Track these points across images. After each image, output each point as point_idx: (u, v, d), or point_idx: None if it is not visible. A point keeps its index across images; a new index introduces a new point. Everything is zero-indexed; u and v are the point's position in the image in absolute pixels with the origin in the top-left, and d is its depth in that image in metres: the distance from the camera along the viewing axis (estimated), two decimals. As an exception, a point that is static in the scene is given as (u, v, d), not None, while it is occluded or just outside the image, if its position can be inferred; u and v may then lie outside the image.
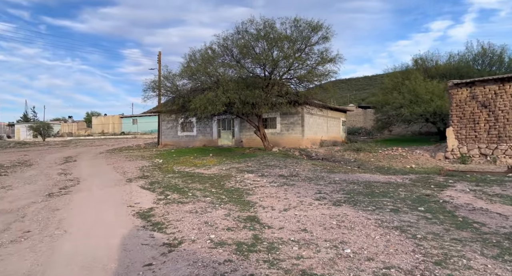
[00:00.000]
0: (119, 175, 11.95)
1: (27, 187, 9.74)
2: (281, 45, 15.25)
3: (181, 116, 20.68)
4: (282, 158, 14.75)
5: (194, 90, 17.12)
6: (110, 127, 58.18)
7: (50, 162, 16.75)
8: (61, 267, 3.95)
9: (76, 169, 14.11)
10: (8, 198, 8.27)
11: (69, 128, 61.74)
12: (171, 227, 5.44)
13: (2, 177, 11.55)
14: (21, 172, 13.10)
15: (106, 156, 20.02)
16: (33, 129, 49.33)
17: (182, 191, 8.59)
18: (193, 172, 12.27)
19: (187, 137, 26.44)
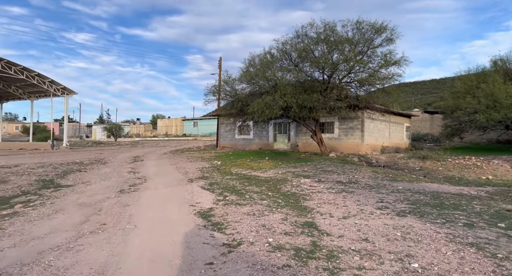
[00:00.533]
0: (181, 175, 12.58)
1: (103, 183, 10.71)
2: (341, 48, 14.90)
3: (239, 120, 21.21)
4: (340, 164, 14.34)
5: (252, 94, 17.45)
6: (173, 129, 61.72)
7: (121, 161, 18.24)
8: (133, 260, 4.26)
9: (143, 168, 15.18)
10: (87, 192, 9.17)
11: (137, 130, 66.81)
12: (230, 228, 5.58)
13: (82, 173, 12.86)
14: (97, 169, 14.47)
15: (169, 156, 21.25)
16: (107, 130, 54.34)
17: (239, 193, 8.77)
18: (249, 174, 12.47)
19: (244, 140, 26.99)
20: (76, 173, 12.81)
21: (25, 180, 10.69)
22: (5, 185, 9.59)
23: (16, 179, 10.79)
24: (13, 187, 9.44)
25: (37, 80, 29.89)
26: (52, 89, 31.17)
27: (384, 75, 15.62)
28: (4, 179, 10.64)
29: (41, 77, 30.22)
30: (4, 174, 11.54)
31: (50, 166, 14.46)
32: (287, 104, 15.18)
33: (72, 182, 10.87)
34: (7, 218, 6.19)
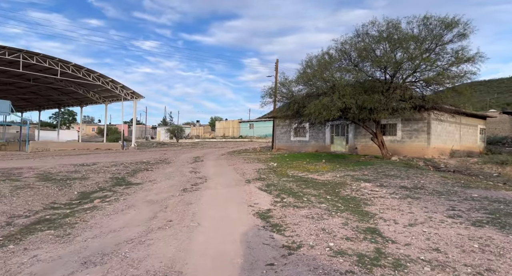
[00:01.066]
0: (239, 176, 12.88)
1: (167, 182, 11.39)
2: (406, 45, 14.06)
3: (294, 121, 21.09)
4: (403, 168, 13.53)
5: (309, 95, 17.25)
6: (230, 131, 63.49)
7: (183, 161, 19.23)
8: (198, 256, 4.47)
9: (203, 168, 15.83)
10: (154, 190, 9.83)
11: (197, 131, 69.92)
12: (289, 230, 5.57)
13: (149, 172, 13.82)
14: (162, 168, 15.43)
15: (227, 157, 21.88)
16: (169, 131, 57.74)
17: (297, 195, 8.72)
18: (306, 177, 12.34)
19: (300, 142, 26.77)
20: (143, 172, 13.79)
21: (102, 177, 11.80)
22: (86, 182, 10.67)
23: (94, 176, 11.95)
24: (92, 183, 10.47)
25: (110, 86, 32.87)
26: (123, 94, 34.01)
27: (455, 74, 14.41)
28: (85, 176, 11.85)
29: (114, 83, 33.16)
30: (85, 172, 12.85)
31: (121, 165, 15.76)
32: (345, 105, 14.75)
33: (141, 180, 11.73)
34: (89, 212, 6.88)
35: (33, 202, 7.47)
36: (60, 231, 5.49)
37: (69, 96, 38.95)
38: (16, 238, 5.08)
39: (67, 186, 9.71)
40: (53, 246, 4.74)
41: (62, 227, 5.73)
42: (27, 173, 11.91)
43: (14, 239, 5.06)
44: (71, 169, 13.60)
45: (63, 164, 15.19)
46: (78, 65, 30.02)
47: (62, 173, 12.21)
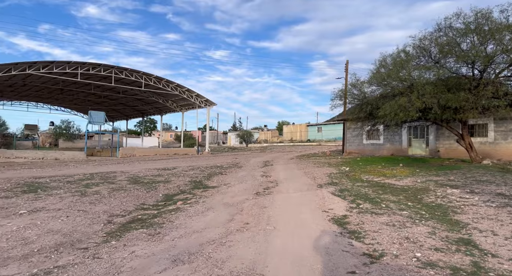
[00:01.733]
0: (310, 180, 12.74)
1: (240, 186, 11.79)
2: (499, 37, 12.52)
3: (367, 124, 20.18)
4: (498, 173, 12.02)
5: (383, 96, 16.37)
6: (298, 134, 63.22)
7: (253, 165, 19.71)
8: (277, 260, 4.54)
9: (273, 172, 16.03)
10: (229, 193, 10.25)
11: (264, 136, 71.10)
12: (369, 238, 5.35)
13: (223, 176, 14.46)
14: (235, 172, 16.02)
15: (296, 161, 21.82)
16: (239, 136, 59.72)
17: (374, 201, 8.32)
18: (383, 182, 11.69)
19: (373, 145, 25.49)
20: (218, 176, 14.47)
21: (181, 180, 12.69)
22: (169, 185, 11.59)
23: (175, 179, 12.91)
24: (174, 186, 11.33)
25: (186, 95, 35.26)
26: (198, 102, 36.20)
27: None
28: (167, 179, 12.88)
29: (190, 92, 35.50)
30: (167, 176, 13.97)
31: (198, 169, 16.76)
32: (425, 105, 13.65)
33: (216, 183, 12.32)
34: (173, 213, 7.46)
35: (126, 203, 8.37)
36: (151, 230, 6.04)
37: (151, 106, 42.73)
38: (116, 235, 5.73)
39: (153, 188, 10.65)
40: (146, 244, 5.24)
41: (152, 226, 6.30)
42: (120, 176, 13.36)
43: (115, 236, 5.71)
44: (155, 173, 14.88)
45: (148, 168, 16.70)
46: (159, 77, 32.83)
47: (148, 177, 13.43)
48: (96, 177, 13.19)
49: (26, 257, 4.62)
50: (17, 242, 5.25)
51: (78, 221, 6.51)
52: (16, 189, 9.84)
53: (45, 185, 10.87)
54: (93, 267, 4.25)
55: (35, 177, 12.67)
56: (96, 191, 9.75)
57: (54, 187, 10.45)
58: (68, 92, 38.13)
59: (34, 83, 33.12)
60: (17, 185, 10.71)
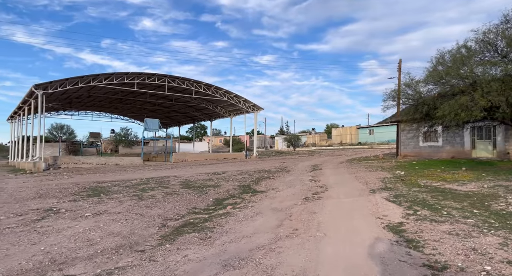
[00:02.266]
0: (362, 185, 12.25)
1: (289, 190, 11.69)
2: None
3: (424, 125, 18.95)
4: None
5: (441, 95, 15.28)
6: (348, 137, 61.35)
7: (301, 170, 19.47)
8: (328, 268, 4.40)
9: (323, 176, 15.68)
10: (278, 198, 10.21)
11: (312, 139, 70.05)
12: (429, 247, 4.98)
13: (271, 180, 14.46)
14: (283, 177, 15.95)
15: (346, 165, 21.15)
16: (286, 140, 59.51)
17: (433, 208, 7.75)
18: (443, 187, 10.87)
19: (431, 148, 23.84)
20: (266, 180, 14.50)
21: (231, 185, 12.92)
22: (218, 189, 11.87)
23: (225, 184, 13.19)
24: (223, 190, 11.56)
25: (234, 100, 36.04)
26: (245, 107, 36.81)
27: None
28: (217, 184, 13.20)
29: (238, 97, 36.24)
30: (217, 180, 14.32)
31: (246, 174, 16.96)
32: (491, 103, 12.48)
33: (264, 188, 12.35)
34: (223, 217, 7.60)
35: (179, 207, 8.70)
36: (202, 234, 6.20)
37: (201, 112, 44.31)
38: (170, 239, 5.97)
39: (203, 193, 10.97)
40: (198, 248, 5.38)
41: (204, 230, 6.47)
42: (173, 181, 13.97)
43: (169, 239, 5.95)
44: (205, 177, 15.34)
45: (199, 173, 17.28)
46: (208, 84, 33.97)
47: (199, 181, 13.88)
48: (151, 181, 13.93)
49: (90, 258, 4.98)
50: (83, 243, 5.70)
51: (135, 224, 6.90)
52: (82, 193, 10.73)
53: (107, 189, 11.72)
54: (149, 270, 4.45)
55: (98, 182, 13.74)
56: (152, 195, 10.28)
57: (114, 191, 11.22)
58: (126, 101, 40.93)
59: (97, 94, 36.06)
60: (83, 189, 11.69)
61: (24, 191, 11.22)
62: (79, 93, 34.75)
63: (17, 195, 10.27)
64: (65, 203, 8.94)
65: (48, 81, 25.56)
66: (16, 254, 5.13)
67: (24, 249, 5.39)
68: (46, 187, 12.31)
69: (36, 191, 10.98)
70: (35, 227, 6.52)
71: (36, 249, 5.34)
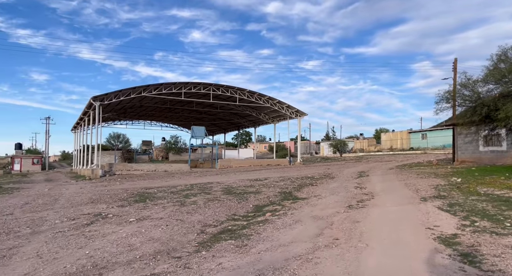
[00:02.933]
0: (411, 193, 11.45)
1: (332, 198, 11.27)
2: None
3: (483, 128, 17.35)
4: None
5: (503, 95, 13.90)
6: (398, 142, 58.24)
7: (347, 176, 18.75)
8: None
9: (369, 183, 14.93)
10: (319, 206, 9.88)
11: (360, 145, 67.54)
12: (487, 263, 4.45)
13: (314, 187, 14.09)
14: (326, 183, 15.46)
15: (396, 172, 20.00)
16: (332, 146, 58.00)
17: (494, 218, 6.97)
18: (507, 196, 9.77)
19: (493, 153, 21.72)
20: (308, 187, 14.15)
21: (272, 191, 12.79)
22: (259, 195, 11.80)
23: (266, 190, 13.09)
24: (264, 197, 11.46)
25: (277, 106, 36.03)
26: (288, 113, 36.61)
27: None
28: (258, 190, 13.15)
29: (280, 103, 36.19)
30: (258, 186, 14.27)
31: (288, 180, 16.72)
32: None
33: (306, 195, 12.04)
34: (261, 224, 7.48)
35: (219, 213, 8.76)
36: (238, 241, 6.14)
37: (245, 119, 44.90)
38: (207, 245, 5.99)
39: (244, 199, 10.96)
40: (233, 256, 5.32)
41: (240, 237, 6.40)
42: (216, 187, 14.18)
43: (206, 246, 5.97)
44: (247, 184, 15.37)
45: (241, 179, 17.37)
46: (251, 91, 34.37)
47: (240, 188, 13.93)
48: (195, 187, 14.27)
49: (129, 263, 5.14)
50: (124, 248, 5.92)
51: (175, 230, 7.04)
52: (130, 199, 11.27)
53: (153, 195, 12.20)
54: (183, 276, 4.47)
55: (146, 188, 14.39)
56: (194, 201, 10.49)
57: (159, 197, 11.64)
58: (174, 110, 42.80)
59: (148, 104, 38.15)
60: (131, 195, 12.28)
61: (79, 196, 12.09)
62: (132, 103, 37.02)
63: (73, 200, 11.10)
64: (114, 208, 9.45)
65: (104, 93, 27.59)
66: (63, 258, 5.46)
67: (71, 252, 5.72)
68: (99, 192, 13.15)
69: (90, 196, 11.77)
70: (83, 231, 6.92)
71: (81, 253, 5.64)
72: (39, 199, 11.43)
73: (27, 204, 10.47)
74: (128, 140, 70.21)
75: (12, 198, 12.47)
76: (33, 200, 11.36)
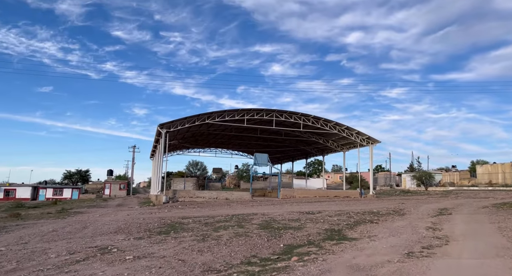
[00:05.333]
0: (505, 240, 8.56)
1: (389, 240, 8.96)
2: None
3: None
4: None
5: None
6: (500, 176, 49.25)
7: (422, 213, 15.59)
8: None
9: (448, 224, 11.92)
10: (367, 250, 7.79)
11: (450, 178, 59.08)
12: None
13: (373, 225, 11.69)
14: (391, 221, 12.84)
15: (490, 211, 16.06)
16: (416, 178, 51.70)
17: None
18: None
19: None
20: (366, 225, 11.80)
21: (317, 228, 10.87)
22: (298, 232, 10.02)
23: (310, 226, 11.22)
24: (303, 235, 9.66)
25: (346, 133, 33.53)
26: (359, 140, 33.73)
27: None
28: (301, 226, 11.35)
29: (349, 130, 33.66)
30: (304, 221, 12.44)
31: (345, 215, 14.43)
32: None
33: (358, 235, 9.88)
34: (275, 273, 5.87)
35: (236, 253, 7.34)
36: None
37: (312, 146, 42.91)
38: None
39: (277, 236, 9.34)
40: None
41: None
42: (256, 219, 12.78)
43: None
44: (294, 217, 13.62)
45: (291, 211, 15.63)
46: (316, 117, 32.71)
47: (283, 221, 12.28)
48: (234, 219, 13.06)
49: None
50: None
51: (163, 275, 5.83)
52: (156, 230, 10.53)
53: (182, 226, 11.32)
54: None
55: (184, 217, 13.65)
56: (219, 236, 9.25)
57: (187, 228, 10.70)
58: (241, 137, 43.13)
59: (216, 131, 39.14)
60: (162, 225, 11.58)
61: (110, 224, 11.62)
62: (200, 131, 38.32)
63: (101, 229, 10.64)
64: (129, 240, 8.64)
65: (170, 121, 28.85)
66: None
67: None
68: (133, 221, 12.66)
69: (119, 225, 11.26)
70: (62, 271, 6.07)
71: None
72: (70, 226, 11.19)
73: (54, 231, 10.35)
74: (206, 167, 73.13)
75: (52, 224, 12.53)
76: (65, 227, 11.19)
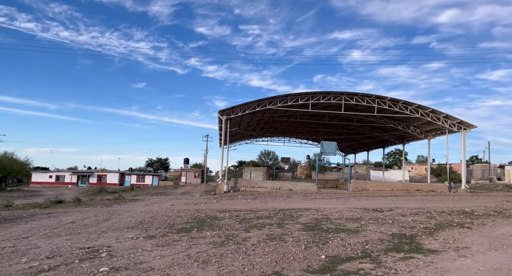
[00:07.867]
0: None
1: (489, 256, 6.04)
2: None
3: None
4: None
5: None
6: None
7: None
8: None
9: None
10: (453, 273, 5.15)
11: None
12: None
13: (463, 231, 8.53)
14: (492, 226, 9.40)
15: None
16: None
17: None
18: None
19: None
20: (453, 230, 8.72)
21: (380, 232, 8.25)
22: (353, 238, 7.58)
23: (373, 229, 8.63)
24: (359, 241, 7.22)
25: (431, 117, 28.61)
26: (447, 124, 28.50)
27: None
28: (360, 228, 8.81)
29: (435, 113, 28.65)
30: (367, 221, 9.82)
31: (425, 214, 11.29)
32: None
33: (439, 244, 7.07)
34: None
35: (253, 267, 5.36)
36: None
37: (390, 134, 38.05)
38: None
39: (321, 242, 7.09)
40: None
41: None
42: (305, 216, 10.58)
43: None
44: (356, 215, 11.04)
45: (354, 208, 12.95)
46: (394, 99, 28.44)
47: (338, 220, 9.85)
48: (279, 215, 11.02)
49: None
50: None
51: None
52: (178, 226, 9.02)
53: (213, 222, 9.69)
54: None
55: (223, 210, 12.05)
56: (244, 239, 7.34)
57: (215, 226, 9.01)
58: (309, 125, 40.37)
59: (281, 118, 37.04)
60: (192, 219, 10.10)
61: (137, 217, 10.29)
62: (265, 118, 36.63)
63: (121, 222, 9.35)
64: (134, 240, 7.12)
65: (229, 107, 27.73)
66: None
67: None
68: (165, 213, 11.27)
69: (143, 219, 9.93)
70: None
71: None
72: (94, 218, 10.14)
73: (72, 223, 9.44)
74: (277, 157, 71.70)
75: (85, 212, 11.76)
76: (88, 218, 10.16)
